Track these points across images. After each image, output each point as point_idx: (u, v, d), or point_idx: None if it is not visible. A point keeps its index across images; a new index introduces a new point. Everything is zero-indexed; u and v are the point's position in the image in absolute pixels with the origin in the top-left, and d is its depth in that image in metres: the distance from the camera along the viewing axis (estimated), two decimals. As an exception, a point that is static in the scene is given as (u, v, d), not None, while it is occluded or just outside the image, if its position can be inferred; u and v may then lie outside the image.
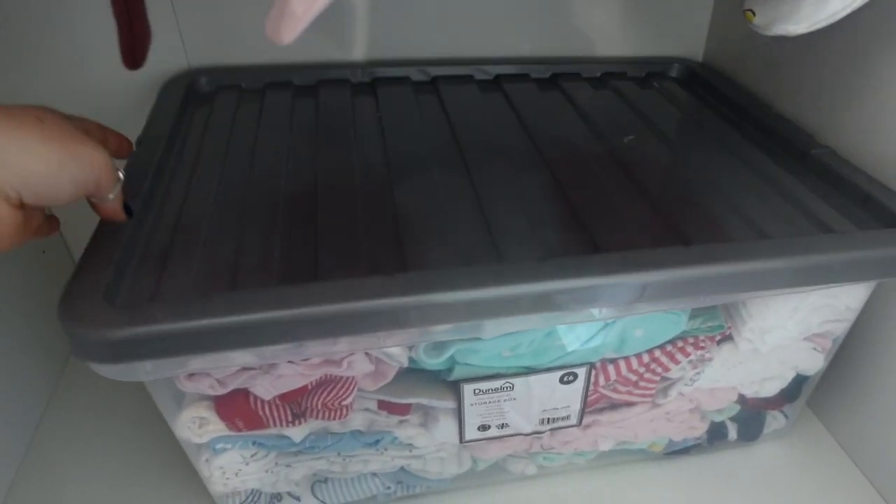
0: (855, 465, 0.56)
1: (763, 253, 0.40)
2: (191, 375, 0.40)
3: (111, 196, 0.35)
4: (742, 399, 0.53)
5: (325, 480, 0.51)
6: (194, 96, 0.61)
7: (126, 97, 0.63)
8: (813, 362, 0.51)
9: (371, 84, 0.64)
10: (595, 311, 0.39)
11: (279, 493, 0.50)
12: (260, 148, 0.52)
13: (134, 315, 0.33)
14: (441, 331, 0.39)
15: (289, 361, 0.40)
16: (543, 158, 0.52)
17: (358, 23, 0.65)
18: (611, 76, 0.68)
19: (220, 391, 0.41)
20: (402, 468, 0.51)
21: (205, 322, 0.33)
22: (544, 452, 0.53)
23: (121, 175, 0.36)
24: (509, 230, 0.43)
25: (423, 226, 0.44)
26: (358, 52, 0.67)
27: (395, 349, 0.42)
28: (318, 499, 0.51)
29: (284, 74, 0.64)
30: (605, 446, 0.53)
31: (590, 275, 0.37)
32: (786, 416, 0.57)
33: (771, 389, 0.53)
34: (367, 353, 0.42)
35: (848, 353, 0.53)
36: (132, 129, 0.47)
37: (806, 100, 0.57)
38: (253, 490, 0.50)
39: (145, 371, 0.36)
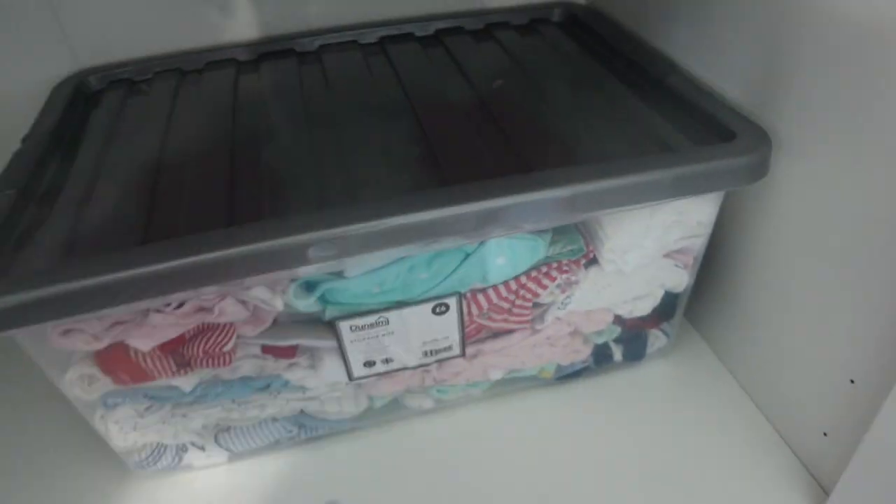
0: (731, 376, 0.60)
1: (590, 175, 0.43)
2: (64, 332, 0.42)
3: None
4: (620, 320, 0.57)
5: (228, 429, 0.53)
6: (83, 95, 0.63)
7: (18, 106, 0.62)
8: (678, 279, 0.55)
9: (256, 61, 0.66)
10: (443, 241, 0.42)
11: (184, 444, 0.53)
12: (138, 134, 0.55)
13: None
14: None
15: (157, 311, 0.42)
16: (414, 112, 0.54)
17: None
18: (494, 27, 0.70)
19: (97, 346, 0.43)
20: (301, 411, 0.54)
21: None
22: (437, 385, 0.56)
23: None
24: (367, 177, 0.46)
25: (286, 179, 0.46)
26: (245, 31, 0.69)
27: (266, 294, 0.45)
28: (222, 447, 0.54)
29: (171, 62, 0.66)
30: (496, 375, 0.57)
31: (426, 207, 0.40)
32: (666, 334, 0.61)
33: (644, 308, 0.56)
34: (240, 301, 0.45)
35: (710, 266, 0.57)
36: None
37: (679, 35, 0.59)
38: (158, 444, 0.52)
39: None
